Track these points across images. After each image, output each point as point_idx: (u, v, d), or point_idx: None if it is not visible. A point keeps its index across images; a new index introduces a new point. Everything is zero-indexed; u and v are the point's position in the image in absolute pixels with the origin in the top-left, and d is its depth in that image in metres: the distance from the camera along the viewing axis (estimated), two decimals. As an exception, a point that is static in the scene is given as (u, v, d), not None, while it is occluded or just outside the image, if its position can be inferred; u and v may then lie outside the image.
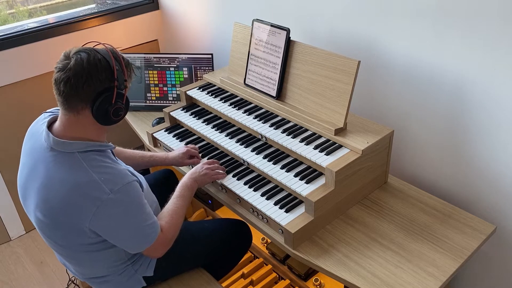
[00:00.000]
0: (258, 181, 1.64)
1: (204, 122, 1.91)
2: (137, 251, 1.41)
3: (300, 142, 1.63)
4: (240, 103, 1.89)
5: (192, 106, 2.03)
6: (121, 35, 2.77)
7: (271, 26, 1.76)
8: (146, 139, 2.07)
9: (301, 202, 1.53)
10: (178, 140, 1.91)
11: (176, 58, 2.33)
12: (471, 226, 1.51)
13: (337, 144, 1.59)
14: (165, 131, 1.99)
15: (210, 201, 2.41)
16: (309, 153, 1.57)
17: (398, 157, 1.85)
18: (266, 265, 2.20)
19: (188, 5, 2.64)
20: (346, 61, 1.55)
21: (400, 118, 1.78)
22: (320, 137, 1.64)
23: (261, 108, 1.85)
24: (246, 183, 1.63)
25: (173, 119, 2.01)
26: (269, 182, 1.64)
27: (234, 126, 1.86)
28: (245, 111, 1.84)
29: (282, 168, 1.60)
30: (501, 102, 1.46)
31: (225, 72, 2.07)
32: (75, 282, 2.24)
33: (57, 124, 1.37)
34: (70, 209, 1.29)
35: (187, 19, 2.70)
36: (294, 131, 1.68)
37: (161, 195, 1.60)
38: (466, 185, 1.67)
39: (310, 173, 1.56)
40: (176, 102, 2.34)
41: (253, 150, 1.71)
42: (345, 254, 1.43)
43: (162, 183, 1.88)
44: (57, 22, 2.54)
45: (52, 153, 1.32)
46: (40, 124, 1.43)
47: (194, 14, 2.62)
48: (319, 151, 1.56)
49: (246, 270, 2.15)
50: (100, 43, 1.36)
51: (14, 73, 2.44)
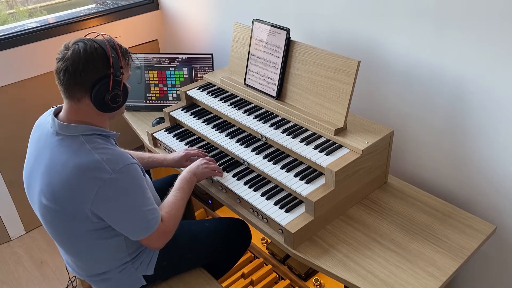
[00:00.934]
0: (258, 181, 1.64)
1: (204, 122, 1.91)
2: (138, 238, 1.41)
3: (300, 142, 1.63)
4: (240, 103, 1.89)
5: (192, 106, 2.03)
6: (121, 35, 2.75)
7: (271, 26, 1.76)
8: (146, 139, 2.07)
9: (301, 202, 1.53)
10: (178, 140, 1.91)
11: (176, 58, 2.33)
12: (471, 226, 1.51)
13: (337, 144, 1.59)
14: (165, 131, 1.99)
15: (210, 201, 2.41)
16: (309, 153, 1.57)
17: (398, 157, 1.85)
18: (266, 265, 2.20)
19: (188, 5, 2.64)
20: (346, 61, 1.56)
21: (400, 118, 1.78)
22: (320, 137, 1.64)
23: (261, 108, 1.85)
24: (246, 183, 1.63)
25: (173, 119, 2.01)
26: (269, 182, 1.64)
27: (234, 126, 1.86)
28: (245, 111, 1.84)
29: (282, 168, 1.60)
30: (501, 102, 1.46)
31: (225, 72, 2.07)
32: (75, 283, 2.24)
33: (62, 112, 1.43)
34: (73, 191, 1.32)
35: (187, 19, 2.70)
36: (294, 131, 1.68)
37: None
38: (466, 185, 1.67)
39: (310, 173, 1.56)
40: (176, 102, 2.34)
41: (253, 150, 1.71)
42: (345, 254, 1.44)
43: (168, 189, 1.88)
44: (57, 22, 2.54)
45: (57, 137, 1.37)
46: (46, 115, 1.48)
47: (194, 14, 2.62)
48: (319, 151, 1.57)
49: (246, 270, 2.15)
50: (99, 34, 1.41)
51: (14, 73, 2.44)
